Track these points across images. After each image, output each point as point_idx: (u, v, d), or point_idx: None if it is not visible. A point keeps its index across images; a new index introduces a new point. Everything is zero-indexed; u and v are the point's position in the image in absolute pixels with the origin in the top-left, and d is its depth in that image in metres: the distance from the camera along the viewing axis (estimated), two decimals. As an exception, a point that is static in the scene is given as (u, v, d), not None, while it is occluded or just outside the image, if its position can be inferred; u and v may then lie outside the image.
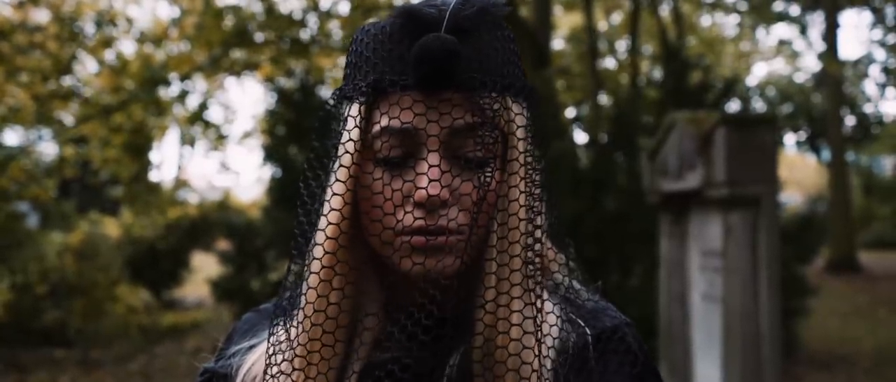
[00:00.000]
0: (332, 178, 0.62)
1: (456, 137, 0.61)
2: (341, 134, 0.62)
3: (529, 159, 0.62)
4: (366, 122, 0.62)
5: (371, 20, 0.66)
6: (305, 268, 0.63)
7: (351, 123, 0.61)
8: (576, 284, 0.71)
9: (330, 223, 0.61)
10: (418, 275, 0.61)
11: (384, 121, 0.60)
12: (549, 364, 0.62)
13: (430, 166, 0.60)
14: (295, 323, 0.64)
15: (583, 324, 0.67)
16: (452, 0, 0.61)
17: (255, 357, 0.70)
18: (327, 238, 0.61)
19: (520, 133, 0.62)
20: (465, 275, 0.63)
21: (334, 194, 0.61)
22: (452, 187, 0.61)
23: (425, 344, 0.62)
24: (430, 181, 0.59)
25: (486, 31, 0.62)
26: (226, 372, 0.72)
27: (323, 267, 0.61)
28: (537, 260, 0.63)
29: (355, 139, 0.61)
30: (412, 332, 0.62)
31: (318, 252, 0.62)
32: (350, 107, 0.62)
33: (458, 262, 0.62)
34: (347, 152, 0.61)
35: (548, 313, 0.64)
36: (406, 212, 0.60)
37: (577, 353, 0.65)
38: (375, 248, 0.64)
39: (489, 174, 0.61)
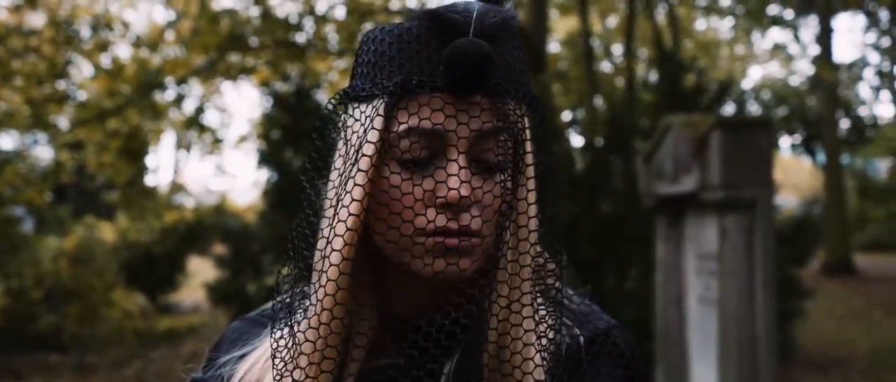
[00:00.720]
0: (354, 176, 0.61)
1: (480, 141, 0.61)
2: (363, 132, 0.61)
3: (537, 162, 0.64)
4: (386, 122, 0.61)
5: (382, 23, 0.66)
6: (317, 273, 0.62)
7: (379, 122, 0.61)
8: (567, 288, 0.71)
9: (349, 228, 0.60)
10: (453, 275, 0.61)
11: (413, 122, 0.60)
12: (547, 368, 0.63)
13: (461, 168, 0.60)
14: (303, 328, 0.63)
15: (575, 328, 0.68)
16: (475, 8, 0.62)
17: (247, 366, 0.69)
18: (345, 243, 0.61)
19: (528, 145, 0.63)
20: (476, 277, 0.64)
21: (355, 193, 0.60)
22: (476, 190, 0.61)
23: (426, 350, 0.62)
24: (462, 182, 0.60)
25: (507, 40, 0.63)
26: None
27: (341, 273, 0.61)
28: (543, 264, 0.65)
29: (383, 139, 0.61)
30: (451, 331, 0.62)
31: (335, 257, 0.61)
32: (371, 107, 0.62)
33: (475, 266, 0.63)
34: (375, 151, 0.61)
35: (544, 317, 0.65)
36: (438, 213, 0.60)
37: (569, 356, 0.66)
38: (388, 250, 0.63)
39: (509, 178, 0.62)
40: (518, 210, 0.62)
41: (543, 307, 0.64)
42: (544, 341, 0.63)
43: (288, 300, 0.66)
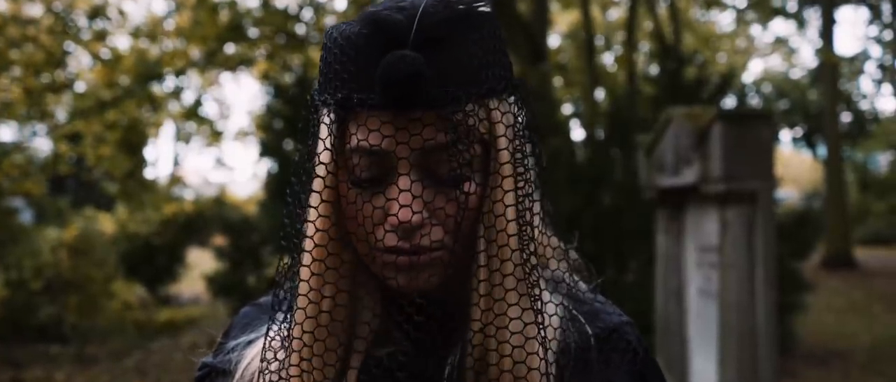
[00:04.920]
0: (308, 194, 0.61)
1: (429, 157, 0.58)
2: (316, 144, 0.61)
3: (518, 157, 0.60)
4: (340, 138, 0.60)
5: (337, 24, 0.62)
6: (297, 273, 0.62)
7: (320, 146, 0.60)
8: (578, 282, 0.70)
9: (318, 229, 0.60)
10: (415, 290, 0.60)
11: (354, 142, 0.59)
12: (553, 369, 0.62)
13: (401, 191, 0.57)
14: (291, 323, 0.63)
15: (585, 322, 0.66)
16: (422, 2, 0.57)
17: (253, 352, 0.69)
18: (315, 245, 0.60)
19: (502, 141, 0.59)
20: (457, 282, 0.62)
21: (315, 208, 0.60)
22: (429, 205, 0.59)
23: (424, 342, 0.62)
24: (401, 207, 0.57)
25: (461, 35, 0.57)
26: (225, 368, 0.71)
27: (313, 274, 0.60)
28: (534, 259, 0.62)
29: (325, 161, 0.60)
30: (410, 332, 0.61)
31: (306, 259, 0.61)
32: (321, 121, 0.61)
33: (440, 276, 0.61)
34: (327, 171, 0.60)
35: (551, 315, 0.63)
36: (386, 232, 0.59)
37: (578, 352, 0.64)
38: (361, 256, 0.63)
39: (467, 190, 0.59)
40: (485, 214, 0.60)
41: (545, 305, 0.63)
42: (548, 342, 0.62)
43: (281, 298, 0.66)
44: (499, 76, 0.60)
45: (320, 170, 0.60)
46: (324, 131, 0.60)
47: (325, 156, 0.60)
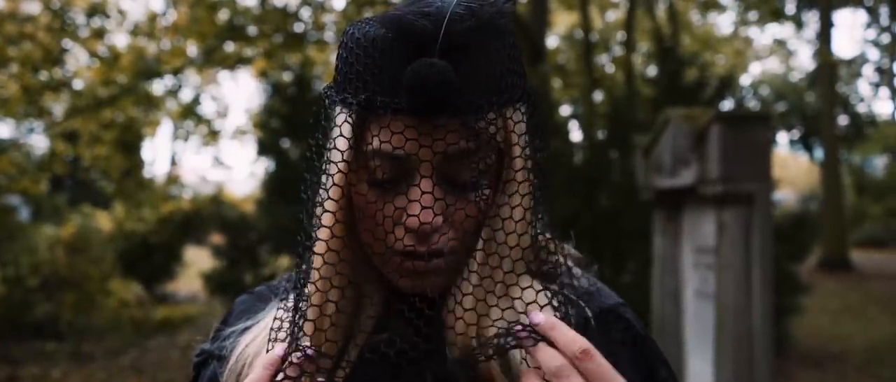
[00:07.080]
0: (326, 189, 0.61)
1: (449, 162, 0.59)
2: (334, 142, 0.61)
3: (529, 164, 0.62)
4: (358, 139, 0.60)
5: (363, 19, 0.62)
6: (307, 267, 0.64)
7: (342, 143, 0.60)
8: (574, 267, 0.73)
9: (337, 221, 0.62)
10: (423, 292, 0.63)
11: (376, 144, 0.59)
12: None
13: (423, 193, 0.59)
14: (300, 309, 0.65)
15: (583, 304, 0.68)
16: (449, 8, 0.57)
17: (249, 338, 0.71)
18: (333, 236, 0.62)
19: (517, 149, 0.61)
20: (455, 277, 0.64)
21: (328, 205, 0.61)
22: (446, 210, 0.60)
23: (429, 335, 0.64)
24: (423, 208, 0.58)
25: (484, 43, 0.58)
26: (222, 354, 0.72)
27: (325, 263, 0.62)
28: (536, 259, 0.64)
29: (348, 160, 0.60)
30: (420, 328, 0.64)
31: (320, 247, 0.62)
32: (342, 119, 0.61)
33: (446, 280, 0.63)
34: (347, 169, 0.61)
35: (543, 305, 0.64)
36: (406, 232, 0.60)
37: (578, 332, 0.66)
38: (373, 255, 0.64)
39: (484, 195, 0.61)
40: (494, 218, 0.61)
41: (541, 292, 0.64)
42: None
43: (287, 283, 0.68)
44: (516, 85, 0.62)
45: (342, 167, 0.60)
46: (346, 130, 0.60)
47: (347, 155, 0.60)
